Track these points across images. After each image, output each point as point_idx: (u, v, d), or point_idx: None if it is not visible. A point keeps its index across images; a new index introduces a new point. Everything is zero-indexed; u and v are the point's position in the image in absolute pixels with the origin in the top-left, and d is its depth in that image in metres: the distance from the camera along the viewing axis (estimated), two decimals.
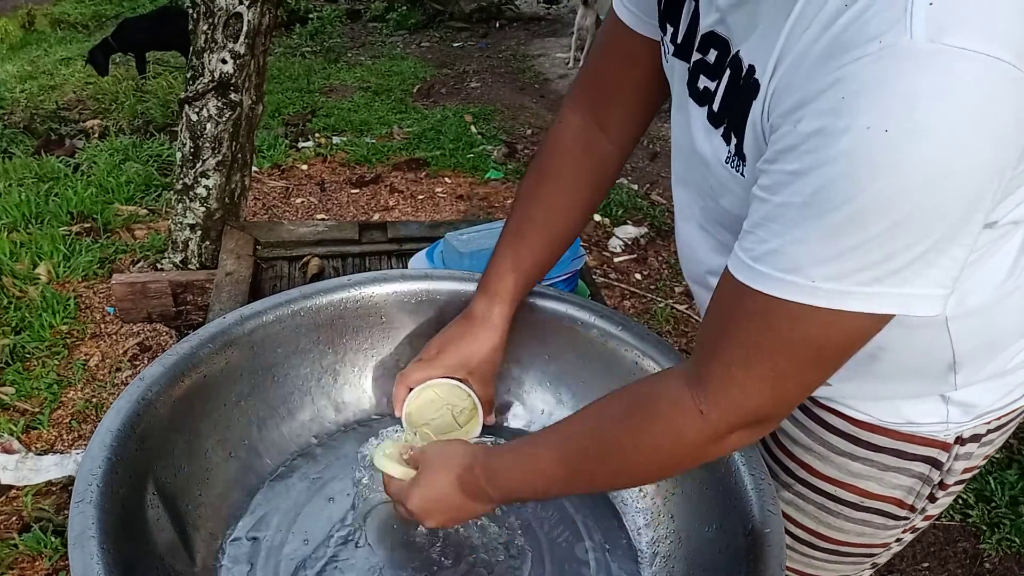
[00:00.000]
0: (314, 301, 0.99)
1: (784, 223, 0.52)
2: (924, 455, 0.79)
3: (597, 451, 0.70)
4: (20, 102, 4.38)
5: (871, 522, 0.85)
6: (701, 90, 0.68)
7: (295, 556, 0.83)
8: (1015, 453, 2.16)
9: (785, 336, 0.55)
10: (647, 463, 0.68)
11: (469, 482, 0.77)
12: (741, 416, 0.61)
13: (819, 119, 0.49)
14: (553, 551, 0.86)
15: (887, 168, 0.47)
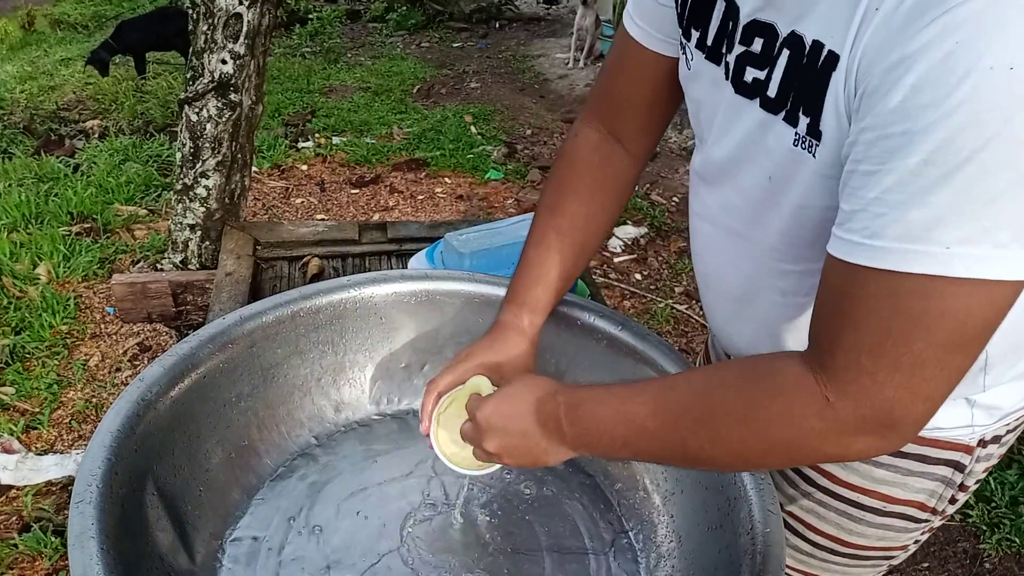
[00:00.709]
0: (314, 301, 0.99)
1: (903, 190, 0.49)
2: (948, 459, 0.78)
3: (700, 412, 0.63)
4: (20, 102, 4.38)
5: (892, 526, 0.85)
6: (750, 82, 0.66)
7: (295, 557, 0.83)
8: (1015, 453, 2.16)
9: (919, 315, 0.50)
10: (753, 439, 0.60)
11: (548, 411, 0.72)
12: (873, 410, 0.54)
13: (930, 70, 0.46)
14: (553, 551, 0.86)
15: (1018, 107, 0.44)
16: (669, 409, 0.65)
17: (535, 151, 4.30)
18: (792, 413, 0.58)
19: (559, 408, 0.72)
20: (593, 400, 0.71)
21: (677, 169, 4.14)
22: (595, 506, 0.93)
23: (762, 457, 0.64)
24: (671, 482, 0.90)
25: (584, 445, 0.72)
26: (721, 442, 0.62)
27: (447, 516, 0.90)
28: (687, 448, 0.64)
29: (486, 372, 0.87)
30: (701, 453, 0.64)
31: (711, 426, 0.62)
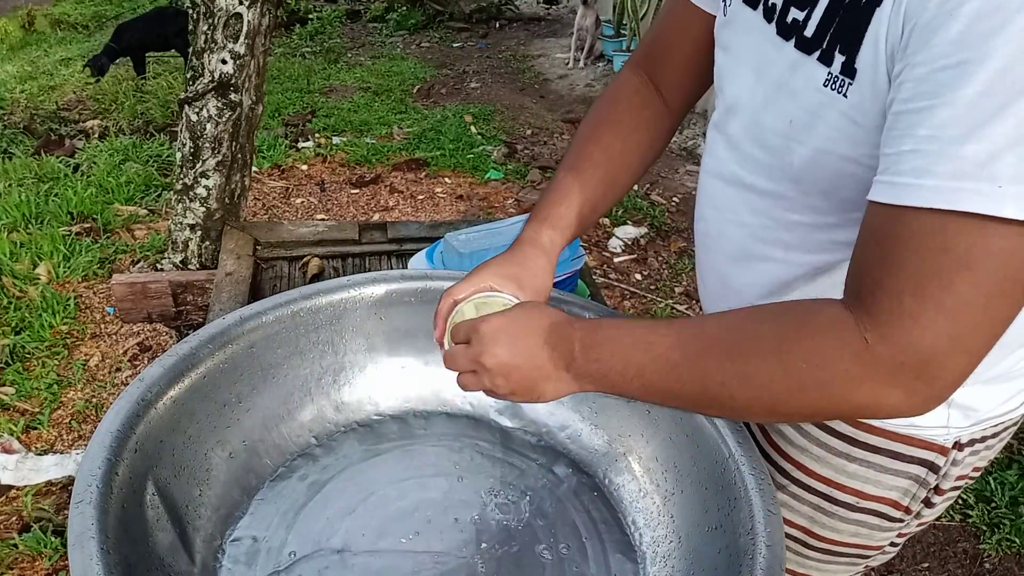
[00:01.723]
0: (314, 301, 0.99)
1: (958, 123, 0.47)
2: (921, 458, 0.78)
3: (729, 346, 0.60)
4: (20, 102, 4.38)
5: (866, 523, 0.85)
6: (790, 23, 0.66)
7: (295, 557, 0.83)
8: (1015, 453, 2.16)
9: (964, 256, 0.49)
10: (783, 378, 0.57)
11: (561, 335, 0.68)
12: (913, 357, 0.52)
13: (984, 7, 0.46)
14: (553, 551, 0.86)
15: None
16: (696, 340, 0.62)
17: (535, 151, 4.30)
18: (828, 353, 0.55)
19: (574, 333, 0.68)
20: (613, 326, 0.68)
21: (677, 169, 4.14)
22: (595, 506, 0.93)
23: (788, 401, 0.59)
24: (672, 482, 0.90)
25: (592, 374, 0.68)
26: (747, 379, 0.59)
27: (446, 516, 0.90)
28: (707, 384, 0.61)
29: (503, 281, 0.83)
30: (722, 391, 0.60)
31: (739, 360, 0.59)
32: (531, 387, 0.70)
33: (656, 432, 0.93)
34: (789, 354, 0.57)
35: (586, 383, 0.69)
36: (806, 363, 0.56)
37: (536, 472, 0.97)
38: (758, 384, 0.59)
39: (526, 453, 1.00)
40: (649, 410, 0.94)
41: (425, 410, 1.05)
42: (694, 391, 0.63)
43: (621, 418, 0.97)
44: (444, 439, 1.01)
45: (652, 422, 0.93)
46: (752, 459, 0.80)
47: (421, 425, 1.03)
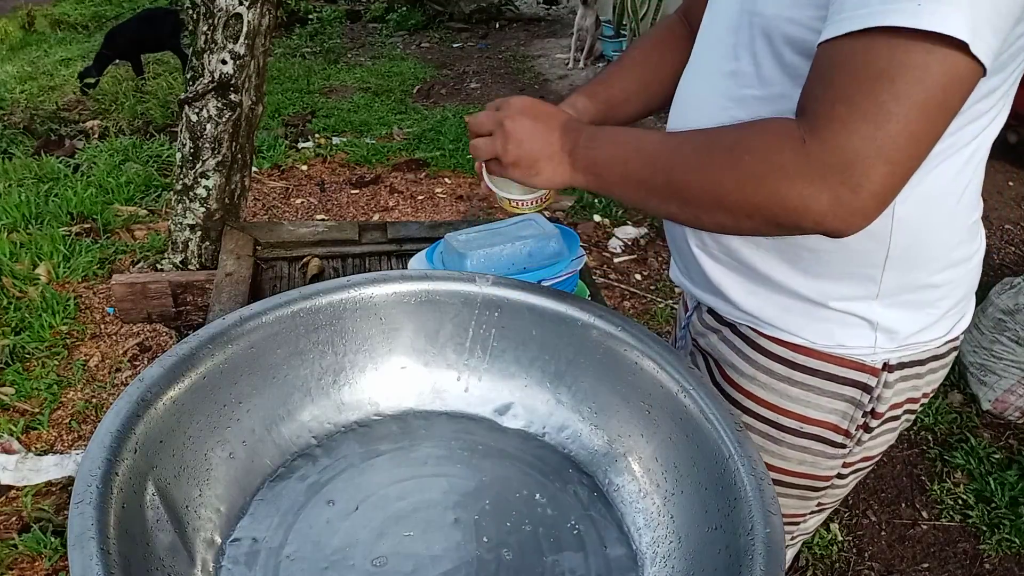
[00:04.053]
0: (314, 302, 0.99)
1: None
2: (855, 379, 0.86)
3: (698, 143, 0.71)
4: (20, 103, 4.38)
5: (810, 449, 0.92)
6: None
7: (295, 557, 0.83)
8: (1015, 453, 2.16)
9: (886, 67, 0.57)
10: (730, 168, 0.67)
11: (574, 128, 0.78)
12: (839, 158, 0.60)
13: None
14: (552, 552, 0.86)
15: None
16: (673, 138, 0.73)
17: None
18: (770, 145, 0.64)
19: (583, 127, 0.79)
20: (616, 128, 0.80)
21: None
22: (595, 506, 0.93)
23: (731, 191, 0.67)
24: (672, 483, 0.90)
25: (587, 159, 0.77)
26: (704, 169, 0.69)
27: (446, 516, 0.90)
28: (673, 173, 0.71)
29: None
30: (683, 179, 0.70)
31: (702, 153, 0.69)
32: (534, 161, 0.79)
33: (656, 432, 0.93)
34: (739, 147, 0.66)
35: (578, 171, 0.78)
36: (750, 155, 0.65)
37: (536, 472, 0.97)
38: (710, 173, 0.68)
39: (526, 454, 1.00)
40: (649, 410, 0.94)
41: (425, 410, 1.05)
42: (662, 180, 0.72)
43: (621, 418, 0.97)
44: (444, 439, 1.01)
45: (652, 422, 0.94)
46: (752, 459, 0.80)
47: (421, 425, 1.03)
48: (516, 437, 1.02)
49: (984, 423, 2.29)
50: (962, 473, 2.10)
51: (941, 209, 0.78)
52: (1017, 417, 2.28)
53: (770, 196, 0.65)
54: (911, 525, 1.98)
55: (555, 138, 0.77)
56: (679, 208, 0.75)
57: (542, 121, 0.78)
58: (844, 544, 1.91)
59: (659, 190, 0.73)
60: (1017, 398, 2.26)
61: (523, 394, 1.05)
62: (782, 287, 0.86)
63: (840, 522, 1.97)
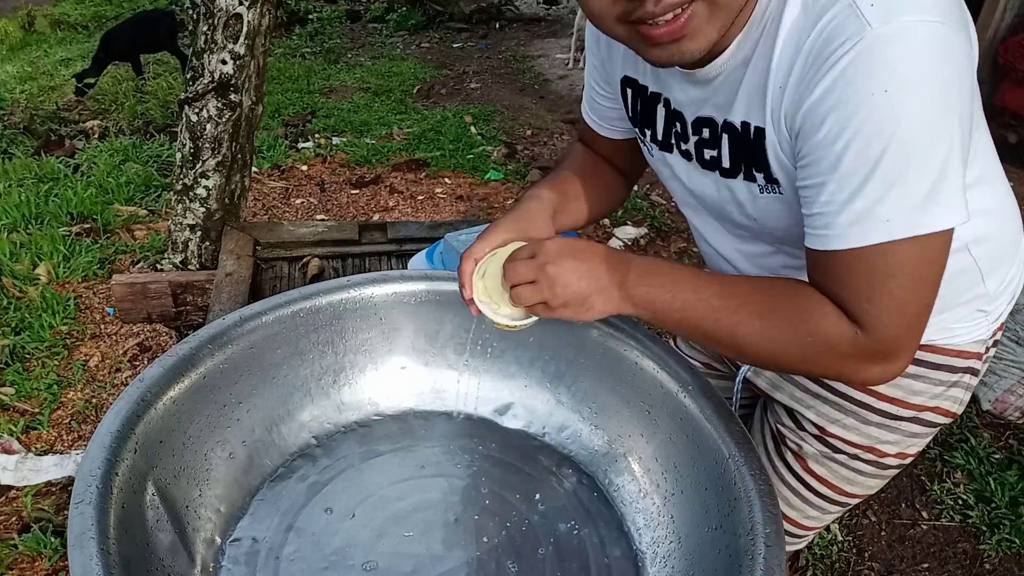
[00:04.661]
0: (314, 302, 0.99)
1: (842, 191, 0.67)
2: (966, 367, 0.93)
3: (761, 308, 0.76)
4: (20, 103, 4.38)
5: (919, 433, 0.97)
6: (708, 160, 0.84)
7: (295, 557, 0.83)
8: (1015, 453, 2.16)
9: (887, 270, 0.68)
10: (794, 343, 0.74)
11: (619, 259, 0.80)
12: (884, 345, 0.71)
13: (834, 108, 0.65)
14: (553, 552, 0.86)
15: (898, 115, 0.63)
16: (735, 295, 0.77)
17: (535, 152, 4.30)
18: (831, 334, 0.73)
19: (631, 259, 0.81)
20: (667, 263, 0.82)
21: None
22: (595, 506, 0.93)
23: (791, 360, 0.77)
24: (672, 483, 0.90)
25: (640, 297, 0.80)
26: (768, 337, 0.75)
27: (446, 516, 0.90)
28: (737, 331, 0.77)
29: (514, 236, 0.90)
30: (746, 340, 0.77)
31: (767, 322, 0.75)
32: (584, 299, 0.80)
33: (656, 432, 0.93)
34: (804, 328, 0.74)
35: (630, 305, 0.81)
36: (812, 337, 0.74)
37: (536, 472, 0.97)
38: (775, 342, 0.76)
39: (526, 453, 1.00)
40: (649, 410, 0.94)
41: (425, 410, 1.05)
42: (724, 334, 0.78)
43: (621, 419, 0.97)
44: (444, 440, 1.01)
45: (652, 423, 0.94)
46: (752, 459, 0.80)
47: (421, 425, 1.03)
48: (516, 437, 1.02)
49: (984, 423, 2.29)
50: (962, 473, 2.10)
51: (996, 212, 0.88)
52: (1017, 417, 2.28)
53: (827, 367, 0.76)
54: (911, 525, 1.98)
55: (602, 272, 0.79)
56: (732, 354, 0.85)
57: (584, 258, 0.80)
58: (844, 544, 1.91)
59: (718, 340, 0.79)
60: (1017, 398, 2.26)
61: (523, 394, 1.05)
62: None
63: (840, 522, 1.97)
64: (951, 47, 0.64)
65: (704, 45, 0.70)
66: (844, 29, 0.64)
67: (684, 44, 0.69)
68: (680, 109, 0.85)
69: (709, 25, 0.68)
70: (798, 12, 0.68)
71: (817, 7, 0.66)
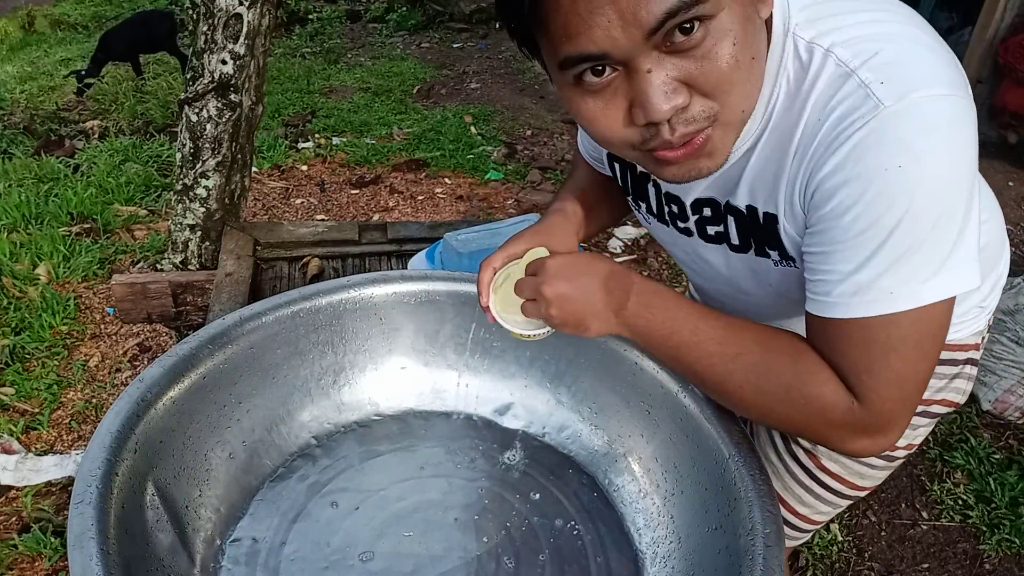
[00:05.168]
0: (314, 302, 0.99)
1: (848, 261, 0.66)
2: (968, 358, 0.95)
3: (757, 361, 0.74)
4: (20, 103, 4.38)
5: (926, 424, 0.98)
6: (713, 234, 0.84)
7: (295, 557, 0.83)
8: (1015, 454, 2.16)
9: (887, 342, 0.67)
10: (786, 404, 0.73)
11: (619, 282, 0.78)
12: (878, 418, 0.70)
13: (846, 182, 0.65)
14: (553, 552, 0.86)
15: (912, 189, 0.62)
16: (733, 344, 0.76)
17: (535, 152, 4.30)
18: (826, 402, 0.71)
19: (632, 285, 0.79)
20: (671, 296, 0.79)
21: None
22: (595, 506, 0.93)
23: (780, 417, 0.75)
24: (672, 483, 0.90)
25: (637, 327, 0.79)
26: (760, 391, 0.74)
27: (446, 517, 0.90)
28: (729, 380, 0.76)
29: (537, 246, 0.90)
30: (737, 391, 0.76)
31: (761, 377, 0.74)
32: (580, 320, 0.79)
33: (656, 432, 0.93)
34: (799, 391, 0.72)
35: (627, 331, 0.80)
36: (805, 401, 0.72)
37: (536, 472, 0.97)
38: (765, 399, 0.74)
39: (526, 453, 1.00)
40: (649, 410, 0.94)
41: (425, 410, 1.05)
42: (715, 380, 0.77)
43: (621, 419, 0.97)
44: (443, 440, 1.01)
45: (652, 423, 0.94)
46: (752, 459, 0.80)
47: (421, 425, 1.03)
48: (516, 437, 1.02)
49: (984, 423, 2.29)
50: (962, 473, 2.10)
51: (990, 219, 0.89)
52: (1017, 417, 2.28)
53: (815, 432, 0.75)
54: (911, 525, 1.98)
55: (598, 298, 0.78)
56: (721, 400, 0.82)
57: (580, 282, 0.79)
58: (844, 544, 1.91)
59: (707, 385, 0.79)
60: (1017, 398, 2.26)
61: (523, 394, 1.05)
62: None
63: (840, 522, 1.97)
64: (962, 116, 0.64)
65: (720, 162, 0.69)
66: (856, 107, 0.64)
67: (701, 162, 0.68)
68: (675, 193, 0.85)
69: (723, 144, 0.68)
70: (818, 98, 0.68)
71: (829, 90, 0.66)
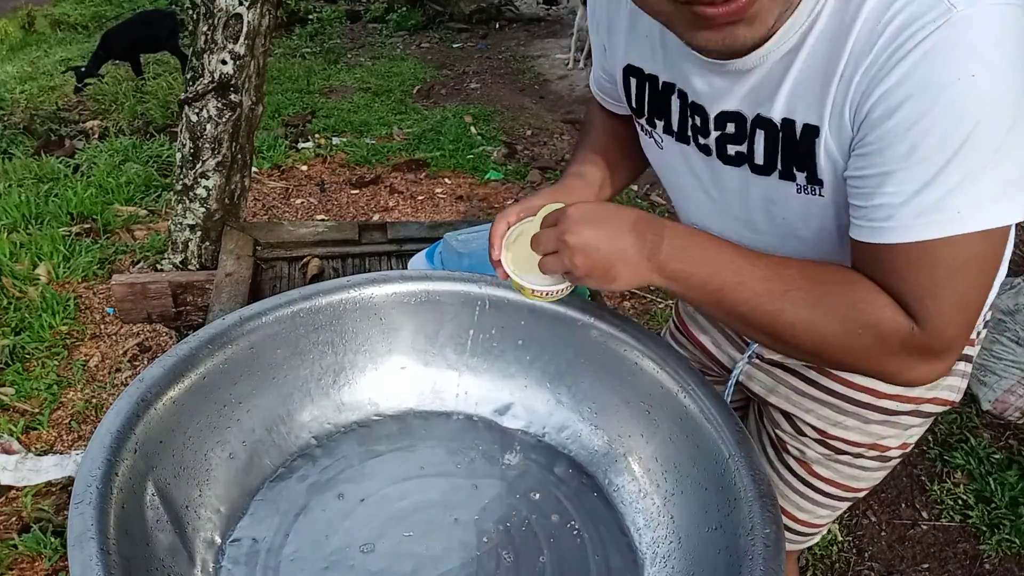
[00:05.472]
0: (314, 302, 0.99)
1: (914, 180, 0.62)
2: (965, 354, 0.93)
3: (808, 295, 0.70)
4: (20, 103, 4.38)
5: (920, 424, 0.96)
6: (733, 155, 0.78)
7: (295, 557, 0.83)
8: (1015, 454, 2.16)
9: (952, 265, 0.64)
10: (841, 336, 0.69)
11: (650, 225, 0.74)
12: (941, 343, 0.67)
13: (912, 94, 0.61)
14: (552, 552, 0.86)
15: (984, 101, 0.59)
16: (780, 280, 0.71)
17: (535, 152, 4.30)
18: (885, 328, 0.68)
19: (664, 228, 0.74)
20: (708, 237, 0.75)
21: None
22: (595, 506, 0.93)
23: (836, 352, 0.71)
24: (671, 483, 0.90)
25: (673, 271, 0.74)
26: (813, 327, 0.70)
27: (446, 516, 0.90)
28: (778, 320, 0.71)
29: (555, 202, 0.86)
30: (787, 329, 0.71)
31: (813, 311, 0.70)
32: (607, 269, 0.75)
33: (656, 432, 0.93)
34: (854, 319, 0.68)
35: (663, 278, 0.75)
36: (864, 330, 0.68)
37: (536, 472, 0.97)
38: (819, 333, 0.70)
39: (526, 453, 1.00)
40: (649, 410, 0.94)
41: (425, 410, 1.05)
42: (763, 321, 0.72)
43: (621, 419, 0.97)
44: (444, 440, 1.01)
45: (652, 423, 0.93)
46: (752, 459, 0.80)
47: (421, 425, 1.03)
48: (516, 437, 1.02)
49: (984, 423, 2.29)
50: (962, 473, 2.10)
51: None
52: (1017, 417, 2.28)
53: (872, 363, 0.71)
54: (911, 525, 1.98)
55: (628, 243, 0.74)
56: (769, 342, 0.77)
57: (607, 226, 0.74)
58: (844, 544, 1.91)
59: (754, 326, 0.73)
60: (1017, 398, 2.26)
61: (523, 394, 1.05)
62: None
63: (840, 522, 1.97)
64: None
65: (761, 33, 0.65)
66: (924, 11, 0.60)
67: (739, 29, 0.63)
68: (700, 102, 0.78)
69: (768, 13, 0.63)
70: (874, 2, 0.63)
71: None
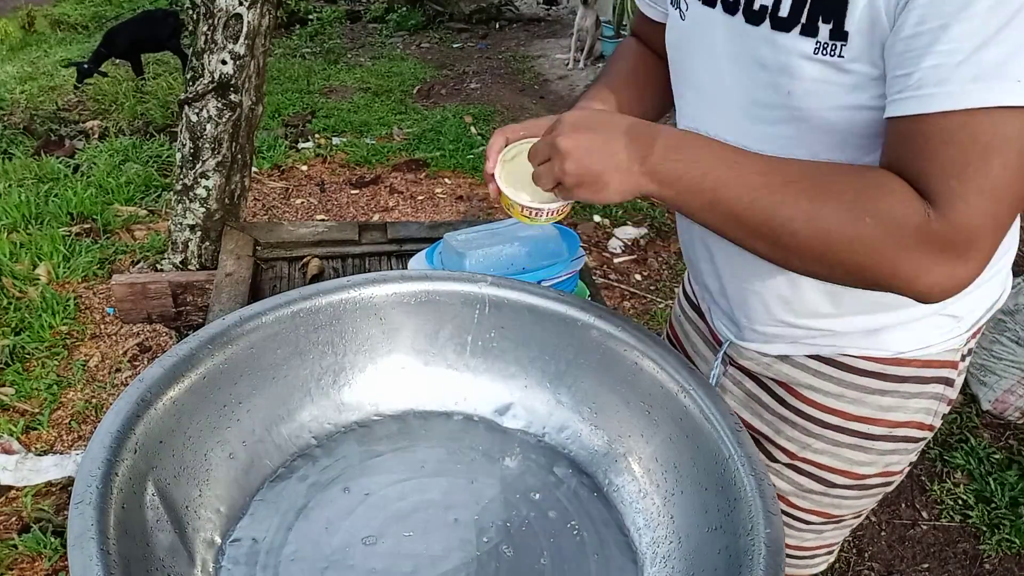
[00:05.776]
0: (314, 302, 0.99)
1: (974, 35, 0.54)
2: (939, 376, 0.87)
3: (809, 185, 0.63)
4: (20, 103, 4.38)
5: (897, 450, 0.92)
6: (757, 9, 0.70)
7: (295, 557, 0.83)
8: (1015, 453, 2.16)
9: (992, 143, 0.56)
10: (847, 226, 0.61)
11: (643, 132, 0.69)
12: (963, 234, 0.59)
13: None
14: (552, 552, 0.86)
15: None
16: (779, 172, 0.65)
17: None
18: (896, 213, 0.60)
19: (658, 132, 0.69)
20: (701, 137, 0.70)
21: None
22: (595, 506, 0.93)
23: (841, 250, 0.63)
24: (672, 483, 0.90)
25: (667, 173, 0.68)
26: (814, 219, 0.62)
27: (446, 516, 0.90)
28: (776, 214, 0.64)
29: None
30: (787, 225, 0.64)
31: (815, 200, 0.63)
32: (598, 176, 0.70)
33: (656, 432, 0.93)
34: (861, 206, 0.61)
35: (654, 183, 0.69)
36: (872, 218, 0.60)
37: (536, 473, 0.97)
38: (823, 226, 0.62)
39: (526, 454, 1.00)
40: (649, 410, 0.94)
41: (425, 410, 1.05)
42: (760, 218, 0.65)
43: (621, 419, 0.97)
44: (444, 440, 1.01)
45: (652, 423, 0.93)
46: (752, 459, 0.80)
47: (421, 426, 1.03)
48: (516, 437, 1.02)
49: (984, 423, 2.29)
50: (962, 473, 2.10)
51: None
52: (1017, 417, 2.28)
53: (882, 261, 0.62)
54: (911, 525, 1.98)
55: (620, 147, 0.69)
56: (768, 248, 0.68)
57: (600, 131, 0.70)
58: (844, 544, 1.91)
59: (752, 227, 0.66)
60: (1017, 398, 2.26)
61: (523, 394, 1.05)
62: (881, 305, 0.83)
63: None
64: None
65: None
66: None
67: None
68: None
69: None
70: None
71: None
